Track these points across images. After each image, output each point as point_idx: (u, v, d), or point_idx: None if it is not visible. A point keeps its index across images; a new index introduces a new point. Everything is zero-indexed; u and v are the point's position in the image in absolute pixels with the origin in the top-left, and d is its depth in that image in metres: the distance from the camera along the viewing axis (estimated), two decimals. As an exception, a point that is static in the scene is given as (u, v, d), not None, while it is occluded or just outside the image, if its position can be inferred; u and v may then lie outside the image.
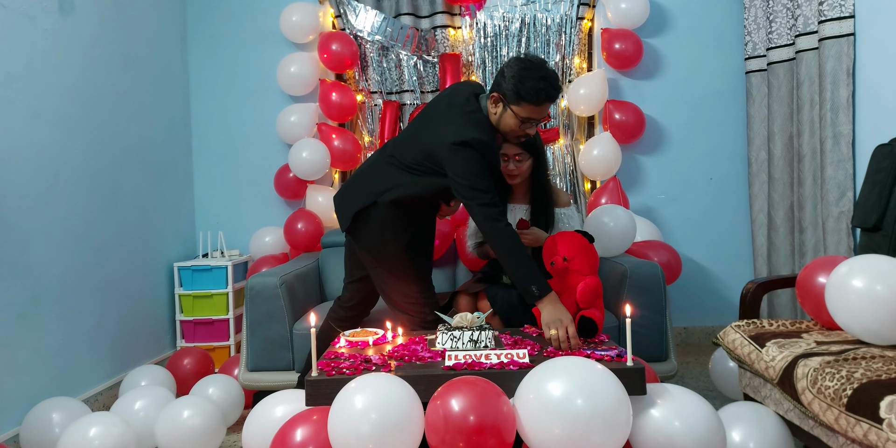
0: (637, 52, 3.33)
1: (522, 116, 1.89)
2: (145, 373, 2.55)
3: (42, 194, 2.35)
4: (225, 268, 3.17)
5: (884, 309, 1.57)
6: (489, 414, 1.38)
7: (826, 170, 2.71)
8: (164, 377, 2.57)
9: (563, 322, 1.76)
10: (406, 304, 2.09)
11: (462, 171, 1.88)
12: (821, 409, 1.50)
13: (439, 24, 3.41)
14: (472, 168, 1.87)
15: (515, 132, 1.95)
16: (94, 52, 2.69)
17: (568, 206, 2.41)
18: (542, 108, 1.89)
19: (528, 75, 1.84)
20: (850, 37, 2.63)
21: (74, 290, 2.50)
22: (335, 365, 1.64)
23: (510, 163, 2.28)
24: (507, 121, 1.92)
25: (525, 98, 1.85)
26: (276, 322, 2.39)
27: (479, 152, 1.87)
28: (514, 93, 1.86)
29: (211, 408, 2.12)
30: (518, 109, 1.88)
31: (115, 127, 2.82)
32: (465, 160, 1.87)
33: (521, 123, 1.91)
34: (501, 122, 1.95)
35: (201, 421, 2.05)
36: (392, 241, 2.05)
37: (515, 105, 1.88)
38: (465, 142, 1.86)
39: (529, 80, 1.84)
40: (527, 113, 1.88)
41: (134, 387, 2.43)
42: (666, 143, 3.51)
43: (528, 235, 2.29)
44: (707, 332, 3.47)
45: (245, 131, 3.55)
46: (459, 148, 1.87)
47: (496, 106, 1.94)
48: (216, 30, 3.54)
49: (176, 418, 2.05)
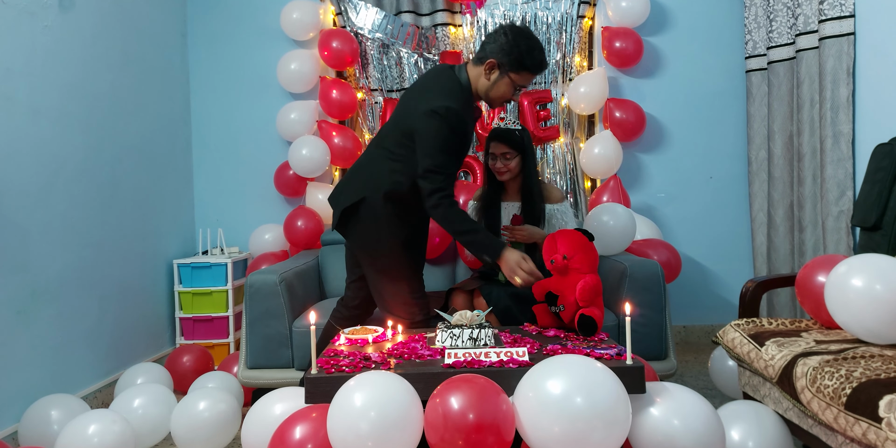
0: (637, 50, 3.33)
1: (519, 84, 1.97)
2: (142, 370, 2.55)
3: (41, 191, 2.35)
4: (224, 265, 3.17)
5: (883, 308, 1.57)
6: (488, 412, 1.38)
7: (826, 169, 2.71)
8: (161, 374, 2.57)
9: (521, 265, 1.91)
10: (396, 305, 2.07)
11: (428, 143, 1.91)
12: (820, 408, 1.50)
13: (440, 22, 3.40)
14: (437, 141, 1.90)
15: (505, 98, 2.02)
16: (93, 48, 2.68)
17: (561, 202, 2.46)
18: (533, 77, 2.01)
19: (531, 46, 1.93)
20: (851, 36, 2.63)
21: (74, 287, 2.50)
22: (334, 363, 1.64)
23: (498, 161, 2.36)
24: (502, 87, 1.98)
25: (528, 68, 1.93)
26: (276, 319, 2.39)
27: (448, 123, 1.90)
28: (518, 61, 1.92)
29: (229, 398, 2.13)
30: (517, 77, 1.95)
31: (114, 124, 2.82)
32: (434, 130, 1.90)
33: (514, 90, 1.99)
34: (493, 89, 1.99)
35: (223, 408, 2.07)
36: (388, 238, 2.04)
37: (516, 73, 1.94)
38: (435, 111, 1.89)
39: (534, 50, 1.93)
40: (523, 81, 1.97)
41: (130, 385, 2.44)
42: (666, 141, 3.50)
43: (521, 232, 2.33)
44: (706, 331, 3.47)
45: (245, 128, 3.55)
46: (429, 117, 1.90)
47: (490, 73, 1.97)
48: (216, 27, 3.54)
49: (191, 410, 2.06)
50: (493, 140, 2.39)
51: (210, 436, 2.06)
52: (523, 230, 2.33)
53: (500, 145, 2.36)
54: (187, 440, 2.06)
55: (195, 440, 2.06)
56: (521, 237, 2.35)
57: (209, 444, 2.07)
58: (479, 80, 2.00)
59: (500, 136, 2.37)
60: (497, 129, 2.41)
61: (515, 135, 2.38)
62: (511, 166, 2.37)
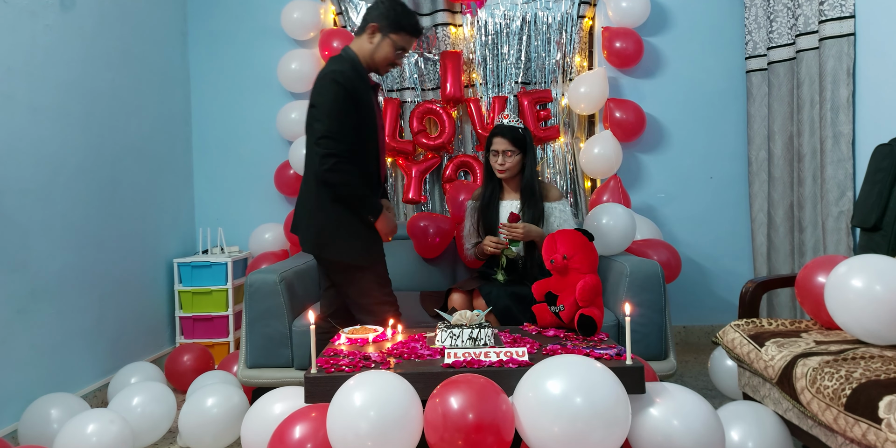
0: (638, 50, 3.33)
1: (399, 45, 2.08)
2: (136, 370, 2.54)
3: (41, 190, 2.35)
4: (224, 264, 3.17)
5: (883, 309, 1.57)
6: (488, 412, 1.38)
7: (826, 169, 2.71)
8: (155, 373, 2.57)
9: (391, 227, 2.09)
10: (371, 305, 2.11)
11: (322, 109, 1.99)
12: (820, 408, 1.50)
13: (440, 22, 3.40)
14: (330, 105, 1.98)
15: (389, 59, 2.10)
16: (94, 47, 2.68)
17: (559, 200, 2.50)
18: (414, 39, 2.12)
19: (405, 11, 2.09)
20: (851, 37, 2.63)
21: (73, 286, 2.50)
22: (334, 362, 1.65)
23: (499, 157, 2.42)
24: (384, 49, 2.08)
25: (405, 28, 2.07)
26: (276, 319, 2.38)
27: (340, 86, 1.98)
28: (396, 22, 2.06)
29: (239, 394, 2.13)
30: (397, 38, 2.07)
31: (114, 123, 2.81)
32: (326, 94, 2.00)
33: (395, 51, 2.08)
34: (377, 52, 2.09)
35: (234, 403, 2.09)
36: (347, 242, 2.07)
37: (395, 33, 2.06)
38: (325, 74, 2.02)
39: (408, 14, 2.08)
40: (403, 42, 2.08)
41: (124, 384, 2.44)
42: (666, 141, 3.50)
43: (517, 229, 2.34)
44: (706, 331, 3.47)
45: (245, 127, 3.55)
46: (322, 82, 2.02)
47: (372, 37, 2.08)
48: (217, 26, 3.54)
49: (200, 407, 2.07)
50: (496, 136, 2.42)
51: (218, 432, 2.07)
52: (520, 227, 2.34)
53: (503, 142, 2.40)
54: (195, 436, 2.07)
55: (203, 436, 2.06)
56: (517, 235, 2.36)
57: (217, 440, 2.08)
58: (363, 48, 2.11)
59: (503, 133, 2.41)
60: (500, 125, 2.45)
61: (518, 132, 2.42)
62: (512, 164, 2.41)
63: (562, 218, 2.45)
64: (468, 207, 2.61)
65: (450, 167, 3.36)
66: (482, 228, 2.51)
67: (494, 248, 2.38)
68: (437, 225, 2.91)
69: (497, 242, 2.38)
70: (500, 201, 2.51)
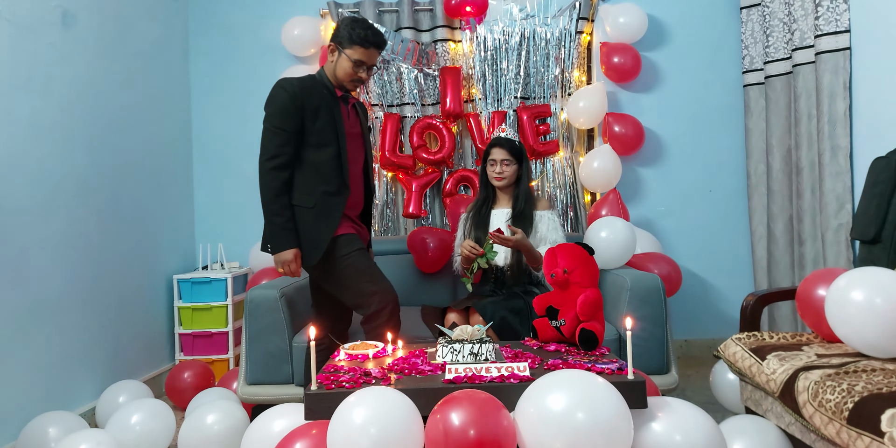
0: (636, 65, 3.36)
1: (354, 59, 2.13)
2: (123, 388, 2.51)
3: (41, 206, 2.35)
4: (224, 280, 3.16)
5: (884, 321, 1.57)
6: (489, 428, 1.37)
7: (824, 182, 2.72)
8: (144, 391, 2.54)
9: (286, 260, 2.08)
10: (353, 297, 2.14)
11: (267, 110, 2.11)
12: (822, 422, 1.49)
13: (440, 38, 3.44)
14: (273, 106, 2.10)
15: (350, 75, 2.15)
16: (95, 65, 2.71)
17: (547, 209, 2.57)
18: (371, 53, 2.15)
19: (357, 25, 2.15)
20: (846, 51, 2.66)
21: (73, 303, 2.50)
22: (334, 378, 1.64)
23: (497, 165, 2.52)
24: (343, 64, 2.15)
25: (356, 41, 2.12)
26: (276, 335, 2.38)
27: (285, 90, 2.09)
28: (347, 38, 2.13)
29: (239, 412, 2.12)
30: (351, 52, 2.13)
31: (115, 139, 2.83)
32: (271, 98, 2.11)
33: (354, 65, 2.14)
34: (338, 68, 2.16)
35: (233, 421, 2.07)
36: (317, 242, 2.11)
37: (349, 48, 2.13)
38: (277, 82, 2.14)
39: (359, 28, 2.13)
40: (359, 55, 2.13)
41: (112, 403, 2.43)
42: (665, 155, 3.52)
43: (508, 241, 2.36)
44: (708, 345, 3.46)
45: (246, 143, 3.56)
46: (271, 91, 2.13)
47: (333, 55, 2.17)
48: (218, 43, 3.57)
49: (200, 424, 2.05)
50: (494, 147, 2.55)
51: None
52: (511, 239, 2.35)
53: (501, 151, 2.52)
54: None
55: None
56: (508, 243, 2.38)
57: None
58: (328, 67, 2.20)
59: (501, 144, 2.53)
60: (498, 137, 2.58)
61: (515, 144, 2.55)
62: (509, 173, 2.53)
63: (549, 226, 2.50)
64: (461, 219, 2.65)
65: (450, 181, 3.38)
66: (471, 233, 2.55)
67: (469, 251, 2.38)
68: (437, 239, 2.92)
69: (472, 248, 2.37)
70: (491, 209, 2.59)
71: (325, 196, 2.13)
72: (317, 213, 2.12)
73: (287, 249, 2.10)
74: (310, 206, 2.12)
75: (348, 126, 2.21)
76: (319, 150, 2.13)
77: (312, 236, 2.12)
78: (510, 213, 2.54)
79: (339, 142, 2.15)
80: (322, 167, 2.13)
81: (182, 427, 2.10)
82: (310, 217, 2.12)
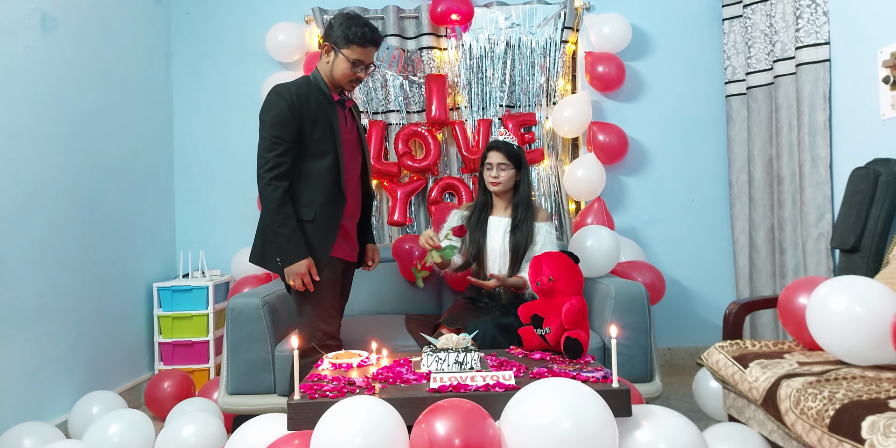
0: (620, 75, 3.39)
1: (352, 59, 2.07)
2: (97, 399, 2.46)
3: (18, 212, 2.31)
4: (206, 288, 3.12)
5: (863, 329, 1.58)
6: (474, 437, 1.36)
7: (805, 192, 2.76)
8: (117, 402, 2.48)
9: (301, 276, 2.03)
10: (308, 329, 2.12)
11: (262, 119, 2.05)
12: (804, 429, 1.50)
13: (425, 46, 3.44)
14: (271, 116, 2.03)
15: (348, 76, 2.10)
16: (75, 68, 2.67)
17: (546, 221, 2.50)
18: (369, 51, 2.10)
19: (353, 22, 2.08)
20: (826, 62, 2.70)
21: (50, 311, 2.45)
22: (318, 388, 1.62)
23: (493, 170, 2.44)
24: (340, 65, 2.09)
25: (353, 41, 2.06)
26: (258, 344, 2.35)
27: (282, 98, 2.03)
28: (343, 37, 2.07)
29: (216, 422, 2.08)
30: (348, 52, 2.07)
31: (95, 144, 2.79)
32: (267, 105, 2.05)
33: (352, 66, 2.08)
34: (335, 69, 2.10)
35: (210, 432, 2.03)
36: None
37: (346, 48, 2.07)
38: (271, 89, 2.08)
39: (355, 25, 2.07)
40: (356, 55, 2.07)
41: (85, 415, 2.37)
42: (649, 164, 3.55)
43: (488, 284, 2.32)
44: (691, 353, 3.48)
45: (229, 150, 3.54)
46: (267, 97, 2.07)
47: (328, 55, 2.11)
48: (201, 48, 3.55)
49: (176, 436, 2.01)
50: (491, 150, 2.46)
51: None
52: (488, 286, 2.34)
53: (498, 155, 2.44)
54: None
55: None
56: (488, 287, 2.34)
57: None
58: (323, 68, 2.14)
59: (499, 147, 2.45)
60: (496, 140, 2.50)
61: (513, 148, 2.47)
62: (506, 177, 2.44)
63: (547, 239, 2.45)
64: (452, 214, 2.60)
65: (435, 189, 3.37)
66: (469, 243, 2.48)
67: (426, 241, 2.28)
68: (422, 247, 2.90)
69: (429, 238, 2.27)
70: (489, 216, 2.50)
71: (323, 207, 2.09)
72: (316, 227, 2.08)
73: (300, 261, 2.03)
74: (309, 219, 2.07)
75: (345, 132, 2.16)
76: (317, 160, 2.07)
77: (312, 251, 2.07)
78: (509, 224, 2.46)
79: (336, 150, 2.10)
80: (320, 178, 2.08)
81: (157, 439, 2.05)
82: (309, 231, 2.07)
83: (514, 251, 2.42)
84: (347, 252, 2.22)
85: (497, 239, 2.46)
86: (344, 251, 2.19)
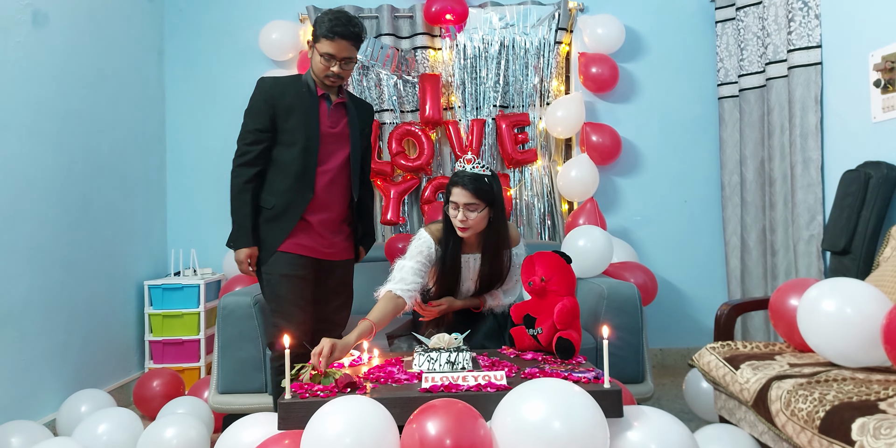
0: (613, 76, 3.40)
1: (322, 52, 2.06)
2: (85, 398, 2.43)
3: (8, 209, 2.29)
4: (197, 286, 3.11)
5: (854, 331, 1.59)
6: (466, 437, 1.36)
7: (796, 194, 2.77)
8: (106, 401, 2.46)
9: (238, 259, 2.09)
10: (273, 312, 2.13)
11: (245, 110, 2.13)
12: (794, 431, 1.51)
13: (419, 45, 3.44)
14: (248, 107, 2.12)
15: (323, 70, 2.10)
16: (67, 65, 2.65)
17: (517, 244, 2.15)
18: (338, 44, 2.04)
19: (326, 17, 2.07)
20: (818, 65, 2.72)
21: (39, 309, 2.43)
22: (309, 387, 1.61)
23: (460, 212, 1.96)
24: (315, 60, 2.11)
25: (321, 34, 2.06)
26: (249, 342, 2.34)
27: (259, 89, 2.12)
28: (314, 33, 2.09)
29: (198, 425, 2.06)
30: (320, 46, 2.07)
31: (86, 141, 2.77)
32: (251, 99, 2.13)
33: (322, 59, 2.07)
34: (313, 64, 2.13)
35: (192, 435, 2.01)
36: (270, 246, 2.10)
37: (316, 43, 2.08)
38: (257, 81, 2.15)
39: (324, 20, 2.06)
40: (326, 48, 2.05)
41: (73, 413, 2.35)
42: (642, 165, 3.56)
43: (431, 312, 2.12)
44: (682, 354, 3.49)
45: (220, 148, 3.50)
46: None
47: (310, 52, 2.15)
48: (194, 45, 3.53)
49: (159, 437, 1.99)
50: (455, 186, 1.97)
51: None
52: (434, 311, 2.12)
53: (464, 193, 1.94)
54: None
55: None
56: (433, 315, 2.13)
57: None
58: (312, 65, 2.16)
59: (464, 183, 1.95)
60: (461, 173, 1.99)
61: (483, 182, 1.96)
62: (475, 221, 1.97)
63: (516, 262, 2.14)
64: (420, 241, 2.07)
65: (428, 189, 3.37)
66: (441, 285, 2.12)
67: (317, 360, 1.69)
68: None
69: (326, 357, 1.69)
70: (460, 254, 2.08)
71: (285, 197, 2.10)
72: (273, 215, 2.10)
73: (241, 248, 2.09)
74: (269, 207, 2.10)
75: (326, 125, 2.13)
76: (287, 149, 2.10)
77: (265, 238, 2.10)
78: (478, 260, 2.09)
79: (308, 141, 2.08)
80: (287, 166, 2.10)
81: (139, 440, 2.03)
82: (266, 218, 2.11)
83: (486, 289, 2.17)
84: (315, 249, 2.11)
85: (470, 280, 2.14)
86: (309, 248, 2.10)
